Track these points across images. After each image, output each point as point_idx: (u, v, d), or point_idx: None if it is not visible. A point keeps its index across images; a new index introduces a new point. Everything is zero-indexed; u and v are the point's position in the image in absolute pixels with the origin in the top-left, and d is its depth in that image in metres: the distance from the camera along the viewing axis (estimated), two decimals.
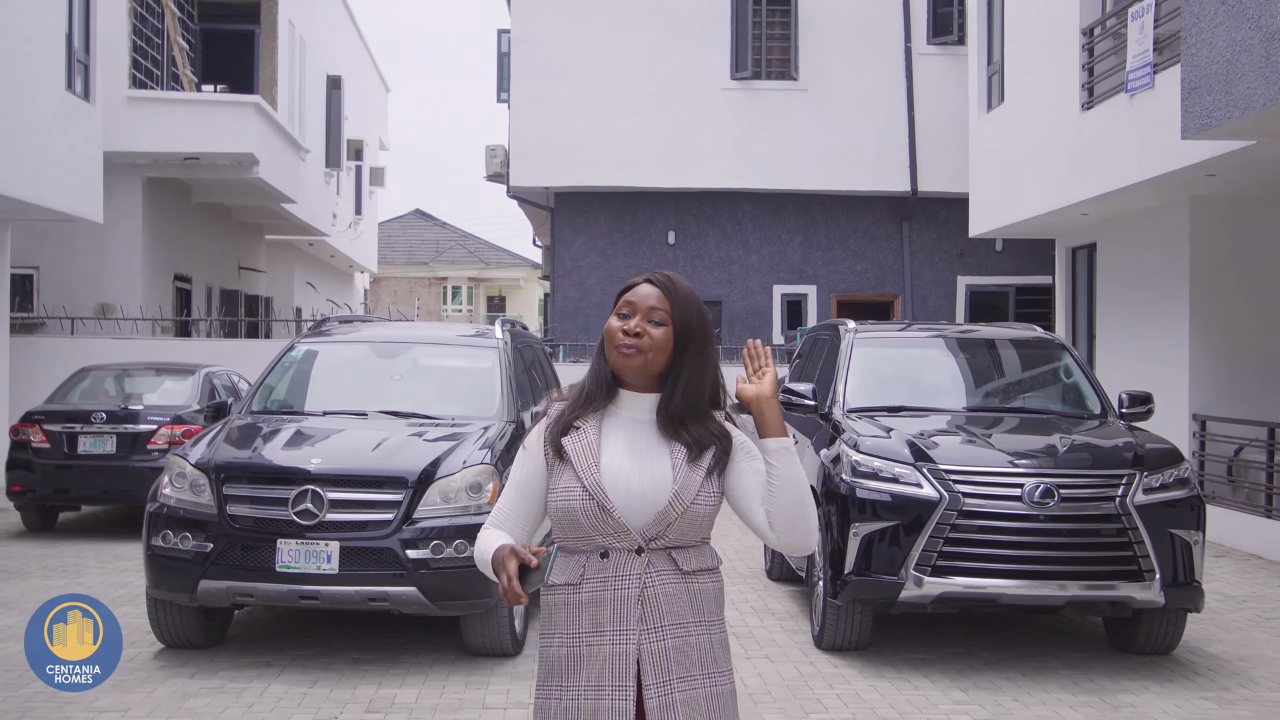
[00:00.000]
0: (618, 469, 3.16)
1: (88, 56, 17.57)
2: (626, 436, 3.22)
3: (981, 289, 22.54)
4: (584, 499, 3.13)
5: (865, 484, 8.07)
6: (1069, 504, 7.75)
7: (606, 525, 3.13)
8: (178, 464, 8.09)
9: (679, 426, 3.20)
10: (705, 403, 3.24)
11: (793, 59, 21.91)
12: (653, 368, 3.20)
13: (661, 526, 3.14)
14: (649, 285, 3.26)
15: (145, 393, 14.29)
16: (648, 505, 3.13)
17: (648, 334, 3.18)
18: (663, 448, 3.20)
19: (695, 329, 3.24)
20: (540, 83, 21.69)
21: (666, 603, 3.15)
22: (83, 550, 12.34)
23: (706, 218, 22.50)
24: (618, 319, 3.23)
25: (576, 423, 3.23)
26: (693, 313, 3.24)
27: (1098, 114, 14.36)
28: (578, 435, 3.21)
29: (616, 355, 3.20)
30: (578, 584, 3.16)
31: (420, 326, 13.07)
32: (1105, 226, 16.63)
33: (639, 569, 3.14)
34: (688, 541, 3.20)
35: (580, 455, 3.18)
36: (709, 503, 3.19)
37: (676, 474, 3.15)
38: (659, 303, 3.21)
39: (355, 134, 32.70)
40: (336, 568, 7.58)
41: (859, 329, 10.10)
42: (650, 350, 3.18)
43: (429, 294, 53.65)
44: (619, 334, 3.20)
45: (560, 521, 3.19)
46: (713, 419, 3.25)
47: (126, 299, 19.94)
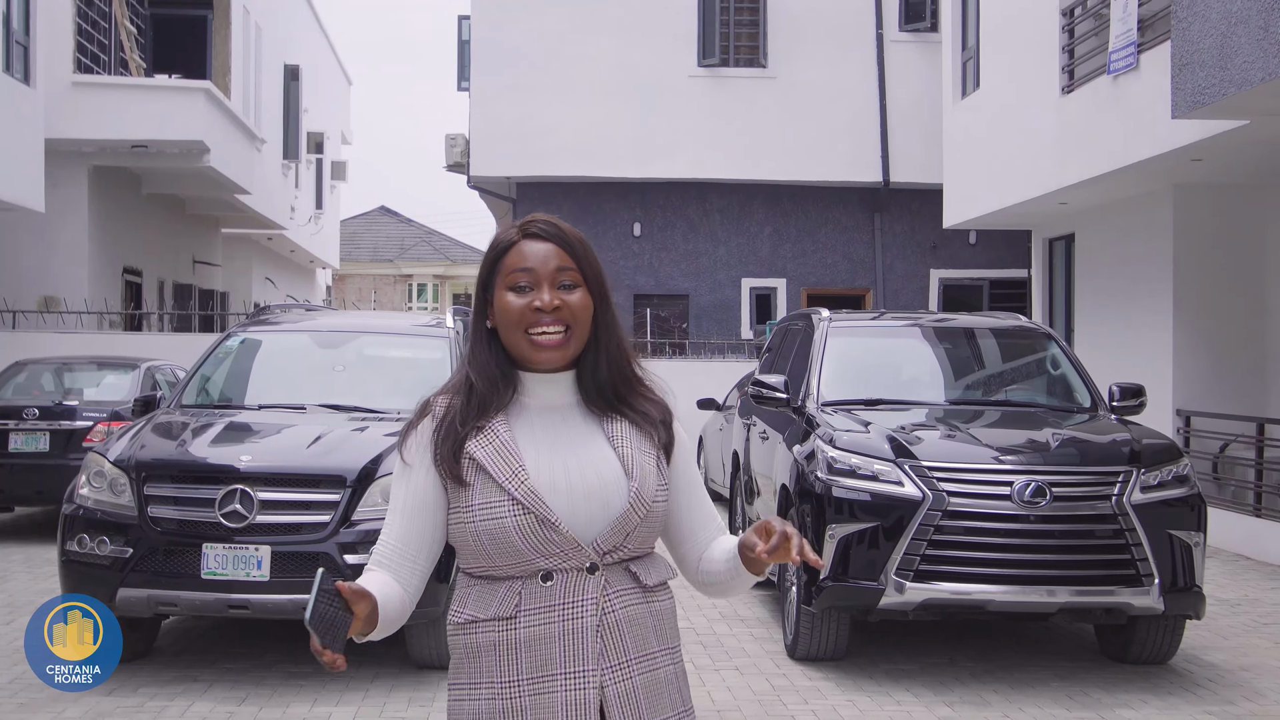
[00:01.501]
0: (549, 468, 2.48)
1: (27, 38, 16.86)
2: (545, 428, 2.54)
3: (955, 282, 22.03)
4: (517, 514, 2.43)
5: (842, 482, 7.50)
6: (1062, 503, 7.20)
7: (550, 544, 2.43)
8: (96, 462, 7.44)
9: (614, 401, 2.57)
10: (628, 366, 2.61)
11: (762, 46, 21.35)
12: (580, 345, 2.54)
13: (620, 536, 2.47)
14: (538, 241, 2.55)
15: (83, 388, 13.60)
16: (599, 510, 2.47)
17: (566, 305, 2.50)
18: (596, 435, 2.55)
19: (602, 281, 2.59)
20: (501, 70, 21.08)
21: (631, 630, 2.49)
22: (11, 554, 11.65)
23: (673, 209, 21.92)
24: (515, 294, 2.51)
25: (476, 424, 2.53)
26: (595, 262, 2.59)
27: (1079, 98, 13.86)
28: (483, 437, 2.49)
29: (530, 345, 2.50)
30: (511, 617, 2.45)
31: (367, 315, 12.43)
32: (1084, 216, 16.15)
33: (594, 591, 2.46)
34: (644, 550, 2.56)
35: (496, 459, 2.46)
36: (665, 498, 2.57)
37: (628, 464, 2.50)
38: (563, 260, 2.53)
39: (315, 126, 31.99)
40: (268, 574, 6.95)
41: (833, 318, 9.53)
42: (575, 322, 2.51)
43: (394, 291, 52.99)
44: (529, 314, 2.49)
45: (483, 547, 2.47)
46: (644, 385, 2.64)
47: (72, 292, 19.18)
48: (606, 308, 2.58)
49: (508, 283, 2.52)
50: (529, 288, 2.50)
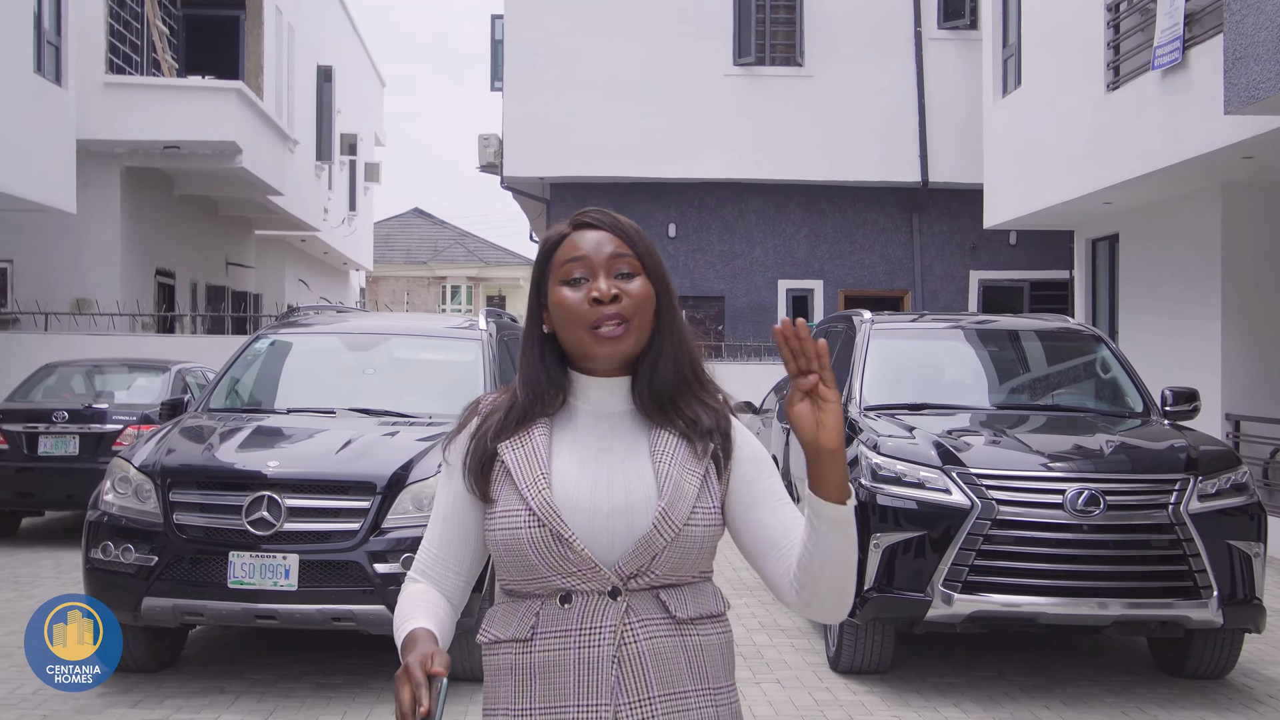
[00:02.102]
0: (575, 480, 2.26)
1: (59, 38, 16.77)
2: (589, 437, 2.33)
3: (995, 283, 21.69)
4: (531, 526, 2.22)
5: (887, 490, 7.25)
6: (1116, 512, 6.93)
7: (566, 562, 2.21)
8: (121, 467, 7.26)
9: (668, 408, 2.32)
10: (695, 366, 2.37)
11: (798, 44, 21.07)
12: (643, 339, 2.30)
13: (644, 559, 2.22)
14: (593, 230, 2.34)
15: (113, 390, 13.46)
16: (622, 529, 2.23)
17: (625, 294, 2.28)
18: (641, 447, 2.31)
19: (663, 271, 2.37)
20: (534, 69, 20.87)
21: (655, 664, 2.23)
22: (41, 559, 11.52)
23: (708, 209, 21.67)
24: (570, 287, 2.30)
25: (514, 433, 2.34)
26: (653, 251, 2.37)
27: (1123, 95, 13.54)
28: (517, 440, 2.31)
29: (595, 340, 2.27)
30: (527, 640, 2.25)
31: (399, 317, 12.23)
32: (1128, 216, 15.82)
33: (613, 618, 2.22)
34: (682, 578, 2.28)
35: (523, 465, 2.27)
36: (709, 522, 2.28)
37: (662, 480, 2.24)
38: (619, 247, 2.31)
39: (349, 128, 31.88)
40: (295, 583, 6.75)
41: (876, 320, 9.28)
42: (636, 313, 2.28)
43: (428, 293, 52.94)
44: (587, 307, 2.27)
45: (503, 559, 2.29)
46: (705, 389, 2.37)
47: (104, 294, 19.12)
48: (668, 300, 2.35)
49: (561, 276, 2.31)
50: (584, 279, 2.29)
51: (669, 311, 2.35)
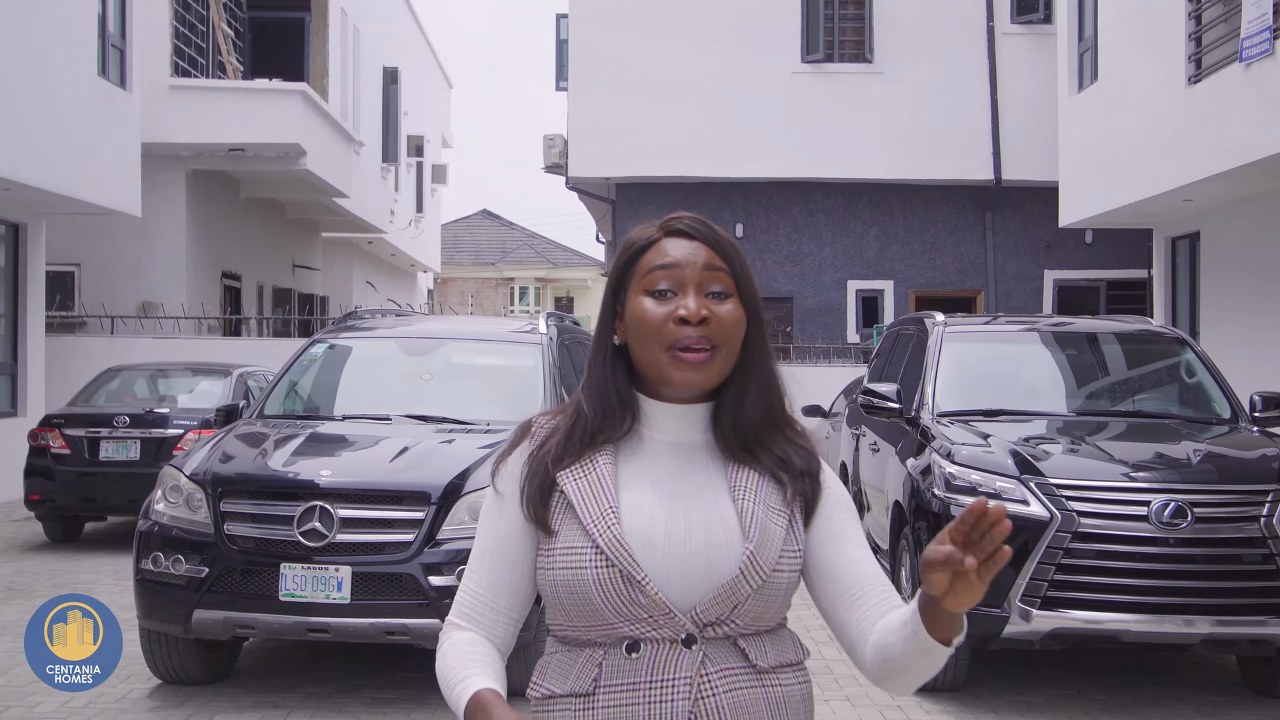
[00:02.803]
0: (648, 516, 2.01)
1: (123, 42, 16.77)
2: (660, 469, 2.08)
3: (1070, 283, 21.21)
4: (599, 566, 1.97)
5: (962, 500, 6.94)
6: (1204, 525, 6.59)
7: (636, 606, 1.97)
8: (171, 476, 7.11)
9: (754, 445, 2.08)
10: (784, 403, 2.14)
11: (867, 40, 20.72)
12: (727, 369, 2.07)
13: (726, 607, 1.98)
14: (686, 239, 2.09)
15: (176, 395, 13.39)
16: (700, 572, 1.98)
17: (716, 317, 2.03)
18: (719, 484, 2.07)
19: (756, 294, 2.12)
20: (599, 68, 20.66)
21: (734, 719, 2.00)
22: (101, 565, 11.44)
23: (776, 209, 21.36)
24: (654, 300, 2.05)
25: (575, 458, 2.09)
26: (748, 271, 2.13)
27: (1206, 88, 13.10)
28: (580, 470, 2.05)
29: (674, 364, 2.02)
30: (589, 694, 2.00)
31: (457, 321, 12.02)
32: (1211, 213, 15.35)
33: (688, 669, 1.98)
34: (763, 625, 2.06)
35: (587, 497, 2.01)
36: (795, 568, 2.06)
37: (747, 520, 2.01)
38: (714, 261, 2.07)
39: (415, 129, 31.85)
40: (348, 596, 6.56)
41: (949, 322, 8.97)
42: (724, 341, 2.04)
43: (496, 294, 53.01)
44: (672, 327, 2.02)
45: (561, 601, 2.03)
46: (794, 428, 2.14)
47: (171, 297, 19.15)
48: (759, 328, 2.11)
49: (644, 285, 2.06)
50: (671, 292, 2.04)
51: (759, 340, 2.11)
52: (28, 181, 14.10)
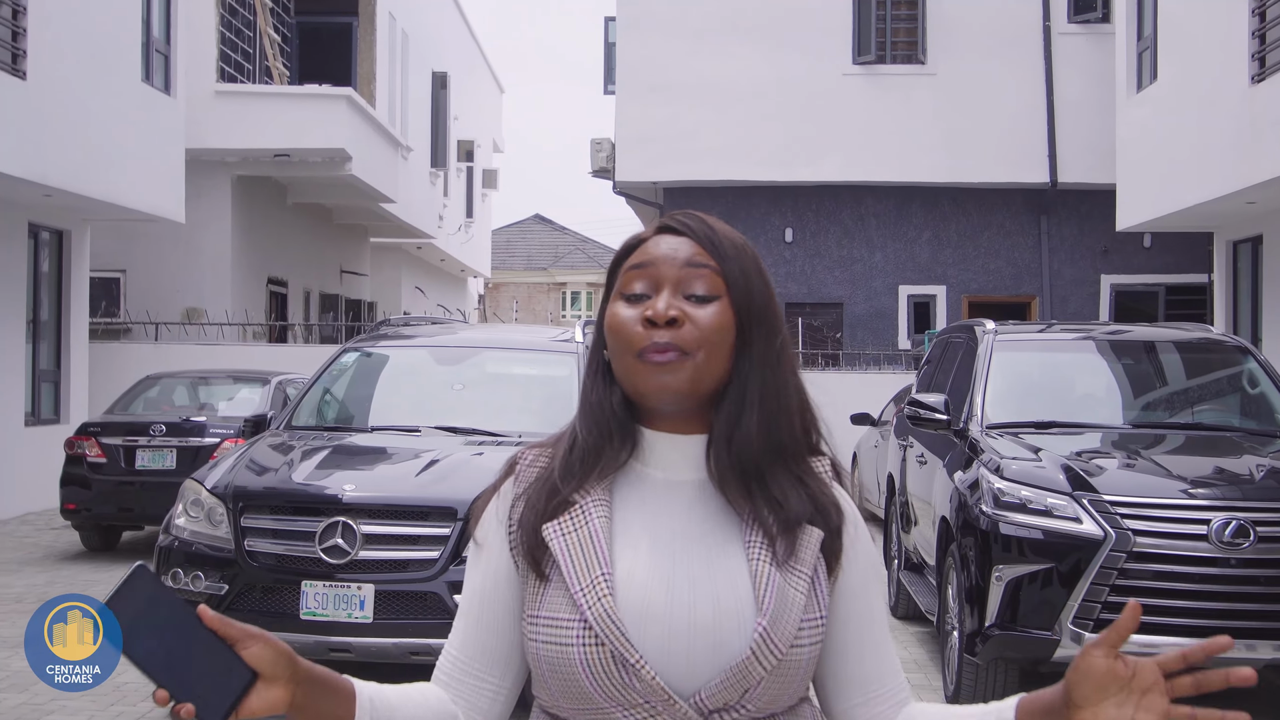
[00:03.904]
0: (645, 582, 1.68)
1: (168, 47, 16.71)
2: (661, 513, 1.75)
3: (1128, 288, 20.74)
4: (586, 644, 1.64)
5: (1011, 517, 6.64)
6: (1268, 545, 6.25)
7: (630, 691, 1.64)
8: (193, 489, 6.93)
9: (755, 485, 1.73)
10: (797, 431, 1.78)
11: (920, 41, 20.36)
12: (706, 378, 1.71)
13: (735, 692, 1.65)
14: (674, 236, 1.78)
15: (216, 402, 13.26)
16: (705, 651, 1.65)
17: (689, 319, 1.71)
18: (730, 533, 1.73)
19: (760, 298, 1.77)
20: (646, 71, 20.42)
21: None
22: None
23: (827, 213, 21.02)
24: (628, 304, 1.75)
25: (569, 496, 1.74)
26: (752, 272, 1.78)
27: (1270, 87, 12.67)
28: (569, 519, 1.72)
29: (640, 368, 1.71)
30: None
31: (494, 329, 11.82)
32: (1274, 217, 14.89)
33: None
34: (779, 707, 1.72)
35: (576, 558, 1.68)
36: (816, 639, 1.72)
37: (762, 589, 1.67)
38: (698, 256, 1.75)
39: (466, 134, 31.75)
40: (371, 615, 6.35)
41: (999, 330, 8.65)
42: (700, 347, 1.70)
43: (548, 300, 52.98)
44: (637, 328, 1.71)
45: (544, 678, 1.71)
46: (811, 468, 1.79)
47: (216, 303, 19.07)
48: (766, 341, 1.76)
49: (621, 288, 1.77)
50: (644, 295, 1.74)
51: (762, 354, 1.76)
52: (70, 188, 14.03)
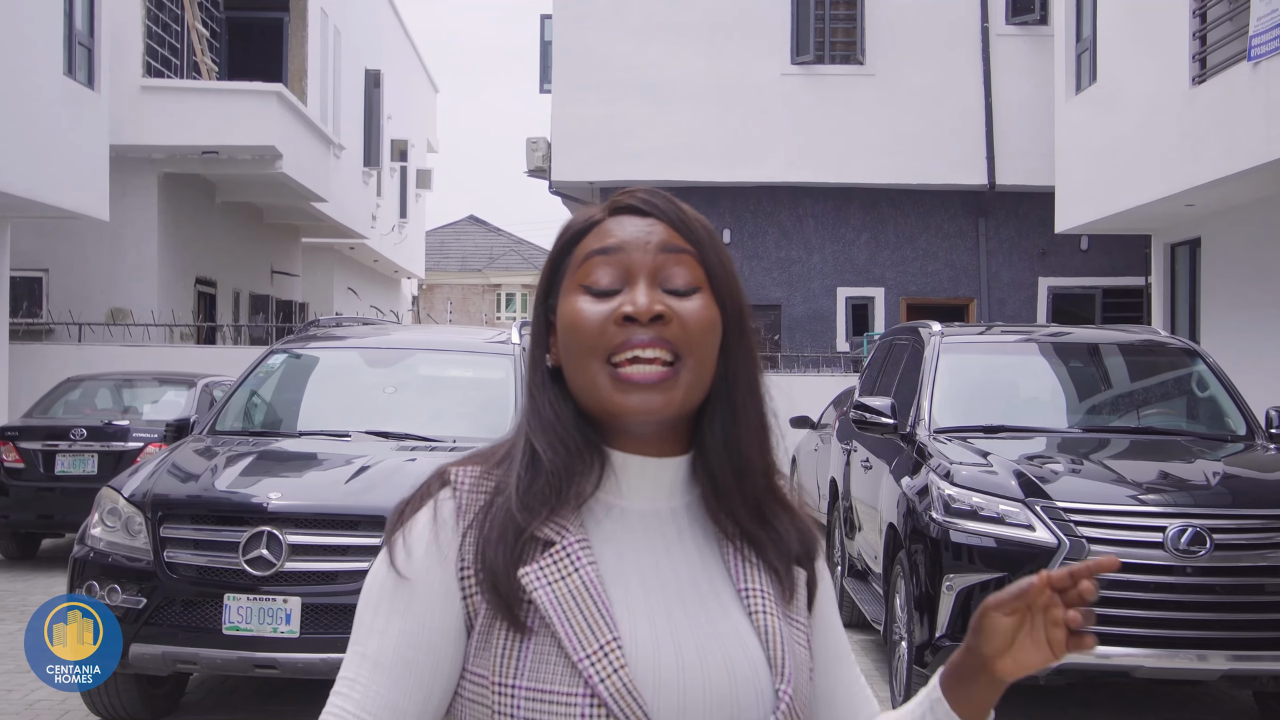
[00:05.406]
0: (654, 644, 1.39)
1: (91, 40, 16.23)
2: (643, 554, 1.45)
3: (1065, 291, 20.72)
4: None
5: (961, 525, 6.46)
6: (1225, 552, 6.11)
7: None
8: (110, 498, 6.59)
9: (753, 512, 1.49)
10: (772, 454, 1.53)
11: (859, 42, 20.22)
12: (697, 391, 1.45)
13: None
14: (638, 217, 1.50)
15: (140, 406, 12.85)
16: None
17: (676, 315, 1.43)
18: (717, 576, 1.48)
19: (739, 290, 1.52)
20: (584, 70, 20.15)
21: None
22: (55, 585, 10.86)
23: (765, 214, 20.84)
24: (592, 299, 1.45)
25: (539, 531, 1.40)
26: (726, 259, 1.52)
27: (1211, 89, 12.62)
28: (553, 564, 1.39)
29: (615, 385, 1.42)
30: None
31: (427, 330, 11.52)
32: (1213, 219, 14.87)
33: None
34: None
35: (573, 615, 1.37)
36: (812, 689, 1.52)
37: (773, 645, 1.44)
38: (674, 240, 1.48)
39: (399, 134, 31.32)
40: (298, 629, 6.05)
41: (946, 332, 8.48)
42: (691, 354, 1.43)
43: (483, 301, 52.61)
44: (612, 328, 1.42)
45: None
46: (782, 491, 1.54)
47: (142, 303, 18.57)
48: (743, 338, 1.50)
49: (580, 279, 1.47)
50: (616, 290, 1.45)
51: (744, 354, 1.50)
52: None
